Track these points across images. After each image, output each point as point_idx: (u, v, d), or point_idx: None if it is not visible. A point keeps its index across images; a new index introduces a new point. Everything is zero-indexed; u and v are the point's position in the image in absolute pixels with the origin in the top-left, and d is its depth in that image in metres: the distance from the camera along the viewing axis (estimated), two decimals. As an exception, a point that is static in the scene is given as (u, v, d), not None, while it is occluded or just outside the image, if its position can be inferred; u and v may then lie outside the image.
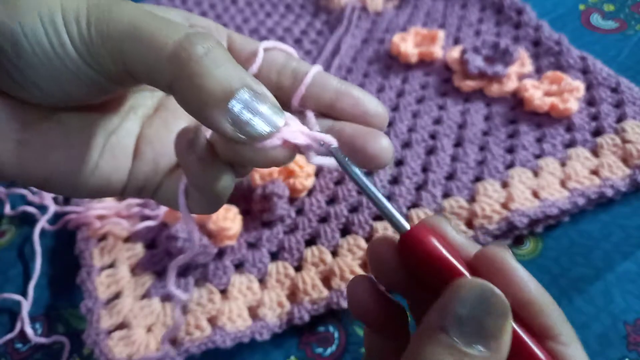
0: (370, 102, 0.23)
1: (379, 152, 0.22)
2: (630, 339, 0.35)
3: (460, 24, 0.61)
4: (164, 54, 0.17)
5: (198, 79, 0.17)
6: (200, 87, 0.17)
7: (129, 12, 0.18)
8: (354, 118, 0.23)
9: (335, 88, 0.23)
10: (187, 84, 0.17)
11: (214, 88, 0.17)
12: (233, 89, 0.17)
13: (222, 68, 0.17)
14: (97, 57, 0.18)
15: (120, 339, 0.36)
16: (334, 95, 0.23)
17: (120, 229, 0.42)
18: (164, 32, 0.17)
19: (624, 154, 0.43)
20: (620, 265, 0.38)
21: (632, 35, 0.56)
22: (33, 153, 0.20)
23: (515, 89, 0.50)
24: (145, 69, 0.18)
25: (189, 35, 0.17)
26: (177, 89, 0.18)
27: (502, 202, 0.41)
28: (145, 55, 0.17)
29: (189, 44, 0.17)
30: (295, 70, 0.23)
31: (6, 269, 0.43)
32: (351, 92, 0.23)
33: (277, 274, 0.39)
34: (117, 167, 0.22)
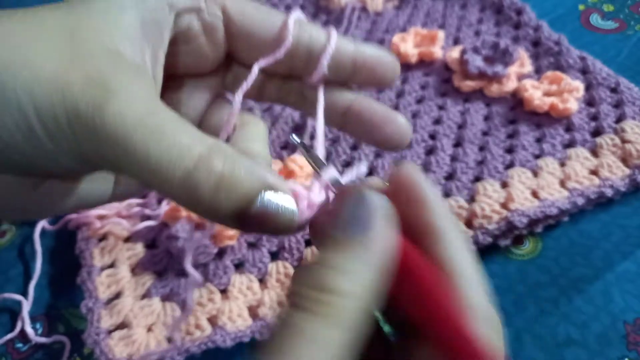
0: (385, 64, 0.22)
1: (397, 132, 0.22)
2: (630, 338, 0.35)
3: (460, 24, 0.61)
4: (170, 185, 0.16)
5: (212, 209, 0.17)
6: (214, 213, 0.17)
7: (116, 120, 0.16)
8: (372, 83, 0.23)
9: (351, 58, 0.22)
10: (199, 210, 0.17)
11: (227, 212, 0.17)
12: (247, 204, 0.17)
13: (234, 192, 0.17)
14: (86, 162, 0.17)
15: (120, 339, 0.36)
16: (352, 68, 0.22)
17: (120, 229, 0.42)
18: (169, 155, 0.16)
19: (623, 154, 0.43)
20: (619, 265, 0.38)
21: (631, 35, 0.56)
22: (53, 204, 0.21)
23: (515, 89, 0.50)
24: (145, 183, 0.17)
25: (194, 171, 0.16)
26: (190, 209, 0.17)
27: (502, 202, 0.41)
28: (146, 178, 0.16)
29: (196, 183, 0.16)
30: (310, 48, 0.22)
31: (7, 269, 0.43)
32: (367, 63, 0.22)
33: (278, 273, 0.39)
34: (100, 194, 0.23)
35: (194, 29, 0.21)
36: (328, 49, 0.21)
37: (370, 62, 0.22)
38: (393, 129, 0.22)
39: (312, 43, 0.22)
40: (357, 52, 0.22)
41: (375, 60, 0.22)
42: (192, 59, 0.22)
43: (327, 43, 0.22)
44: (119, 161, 0.16)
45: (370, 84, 0.23)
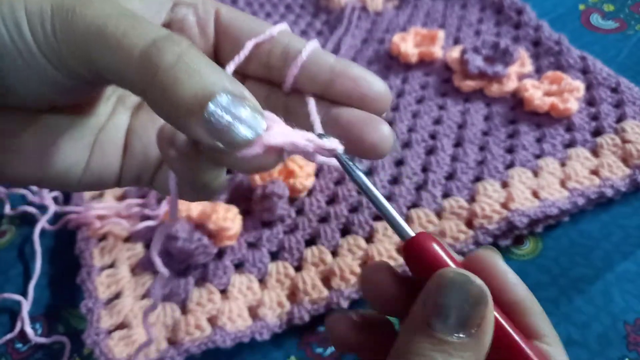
0: (371, 82, 0.21)
1: (378, 141, 0.20)
2: (630, 338, 0.35)
3: (460, 24, 0.61)
4: (131, 62, 0.16)
5: (169, 90, 0.16)
6: (172, 97, 0.16)
7: (94, 11, 0.17)
8: (352, 102, 0.21)
9: (331, 67, 0.21)
10: (158, 94, 0.16)
11: (187, 98, 0.16)
12: (208, 95, 0.16)
13: (194, 76, 0.16)
14: (65, 61, 0.17)
15: (120, 339, 0.36)
16: (330, 75, 0.21)
17: (120, 229, 0.42)
18: (130, 36, 0.16)
19: (623, 154, 0.43)
20: (620, 265, 0.38)
21: (631, 35, 0.56)
22: (22, 158, 0.20)
23: (515, 89, 0.50)
24: (114, 74, 0.17)
25: (156, 41, 0.16)
26: (150, 98, 0.17)
27: (502, 202, 0.41)
28: (113, 61, 0.16)
29: (156, 51, 0.16)
30: (286, 48, 0.21)
31: (6, 269, 0.43)
32: (349, 72, 0.21)
33: (277, 273, 0.39)
34: (108, 164, 0.22)
35: (189, 21, 0.22)
36: (304, 51, 0.21)
37: (351, 74, 0.21)
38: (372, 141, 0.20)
39: (289, 47, 0.21)
40: (337, 62, 0.21)
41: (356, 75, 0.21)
42: None
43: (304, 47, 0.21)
44: (91, 52, 0.16)
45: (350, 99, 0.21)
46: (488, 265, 0.19)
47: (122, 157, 0.23)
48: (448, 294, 0.17)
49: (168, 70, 0.16)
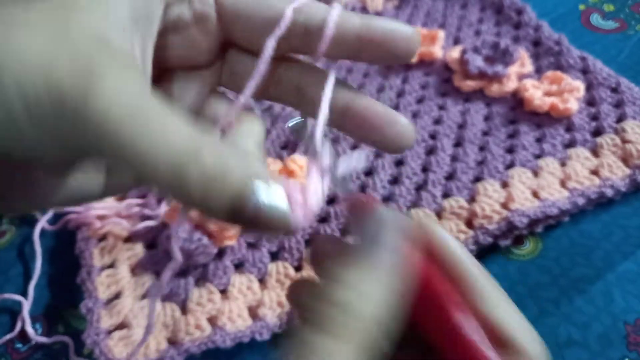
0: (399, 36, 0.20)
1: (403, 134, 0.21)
2: (631, 338, 0.35)
3: (460, 24, 0.61)
4: (160, 181, 0.15)
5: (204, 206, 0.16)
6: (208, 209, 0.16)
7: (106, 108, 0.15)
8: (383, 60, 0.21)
9: (356, 34, 0.20)
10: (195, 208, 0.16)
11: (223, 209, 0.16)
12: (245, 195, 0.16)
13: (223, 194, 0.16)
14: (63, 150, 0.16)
15: (120, 339, 0.36)
16: (357, 44, 0.20)
17: (120, 229, 0.42)
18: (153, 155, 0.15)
19: (624, 154, 0.43)
20: (620, 265, 0.38)
21: (632, 35, 0.56)
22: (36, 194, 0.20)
23: (515, 89, 0.50)
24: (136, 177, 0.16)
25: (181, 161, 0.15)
26: None
27: (502, 202, 0.41)
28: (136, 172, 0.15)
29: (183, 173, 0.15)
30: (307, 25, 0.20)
31: (6, 269, 0.43)
32: (375, 39, 0.20)
33: (277, 274, 0.39)
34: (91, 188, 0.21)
35: (185, 18, 0.20)
36: (329, 24, 0.20)
37: (380, 36, 0.20)
38: (395, 131, 0.21)
39: (310, 18, 0.20)
40: (363, 26, 0.20)
41: (385, 35, 0.20)
42: (184, 51, 0.21)
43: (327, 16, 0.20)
44: (104, 151, 0.15)
45: (381, 60, 0.21)
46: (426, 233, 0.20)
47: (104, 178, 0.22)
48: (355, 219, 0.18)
49: (198, 190, 0.15)
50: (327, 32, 0.19)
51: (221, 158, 0.16)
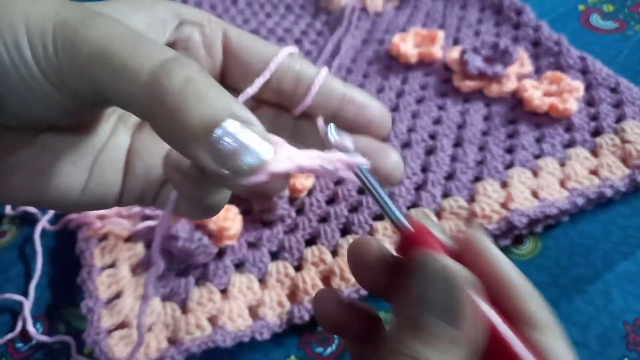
0: (374, 108, 0.22)
1: (391, 170, 0.21)
2: (630, 338, 0.35)
3: (459, 25, 0.61)
4: (137, 85, 0.16)
5: (175, 115, 0.15)
6: (178, 123, 0.15)
7: (98, 32, 0.16)
8: (357, 127, 0.22)
9: (340, 95, 0.22)
10: (164, 118, 0.16)
11: (193, 123, 0.15)
12: (216, 121, 0.16)
13: (202, 101, 0.16)
14: (67, 83, 0.17)
15: (120, 339, 0.36)
16: (339, 103, 0.22)
17: (121, 228, 0.42)
18: (137, 58, 0.16)
19: (623, 154, 0.43)
20: (619, 265, 0.38)
21: (631, 35, 0.56)
22: (19, 179, 0.20)
23: (515, 89, 0.51)
24: (118, 97, 0.16)
25: (164, 64, 0.16)
26: (155, 123, 0.16)
27: (502, 202, 0.41)
28: (118, 84, 0.16)
29: (165, 74, 0.15)
30: (299, 75, 0.22)
31: (7, 268, 0.43)
32: (355, 99, 0.22)
33: (278, 273, 0.39)
34: (107, 184, 0.22)
35: (195, 40, 0.22)
36: (317, 79, 0.22)
37: (359, 101, 0.22)
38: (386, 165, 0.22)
39: (300, 73, 0.22)
40: (346, 89, 0.22)
41: (363, 101, 0.22)
42: None
43: (316, 75, 0.22)
44: (93, 73, 0.16)
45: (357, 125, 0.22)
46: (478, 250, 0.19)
47: (122, 177, 0.22)
48: (429, 285, 0.17)
49: (176, 94, 0.15)
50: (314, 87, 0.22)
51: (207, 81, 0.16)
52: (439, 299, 0.16)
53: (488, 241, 0.19)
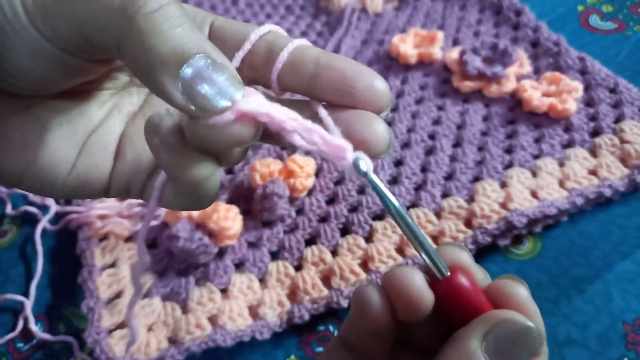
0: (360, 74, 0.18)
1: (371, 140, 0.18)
2: (629, 338, 0.35)
3: (459, 25, 0.61)
4: (112, 6, 0.15)
5: (147, 38, 0.15)
6: (149, 47, 0.15)
7: None
8: (340, 97, 0.18)
9: (314, 60, 0.19)
10: (135, 42, 0.15)
11: (165, 49, 0.15)
12: (187, 53, 0.15)
13: (176, 29, 0.15)
14: (50, 24, 0.17)
15: (121, 338, 0.36)
16: (314, 69, 0.19)
17: (121, 228, 0.42)
18: None
19: (622, 154, 0.43)
20: (619, 265, 0.38)
21: (630, 36, 0.57)
22: (6, 148, 0.19)
23: (514, 89, 0.51)
24: (95, 28, 0.16)
25: None
26: (125, 49, 0.16)
27: (501, 202, 0.41)
28: (95, 11, 0.16)
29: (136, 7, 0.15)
30: (269, 47, 0.20)
31: (7, 268, 0.43)
32: (334, 64, 0.18)
33: (278, 273, 0.39)
34: (95, 167, 0.21)
35: None
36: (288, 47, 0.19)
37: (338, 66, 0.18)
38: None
39: (272, 44, 0.20)
40: (323, 55, 0.19)
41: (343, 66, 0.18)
42: None
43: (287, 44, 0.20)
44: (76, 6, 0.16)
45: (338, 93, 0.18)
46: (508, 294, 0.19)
47: (112, 163, 0.22)
48: (518, 341, 0.17)
49: (148, 16, 0.15)
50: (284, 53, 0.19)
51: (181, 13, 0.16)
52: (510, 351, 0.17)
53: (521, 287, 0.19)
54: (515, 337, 0.17)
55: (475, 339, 0.17)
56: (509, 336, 0.17)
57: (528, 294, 0.19)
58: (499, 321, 0.18)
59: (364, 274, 0.38)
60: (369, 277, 0.38)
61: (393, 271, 0.19)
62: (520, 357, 0.17)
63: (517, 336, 0.17)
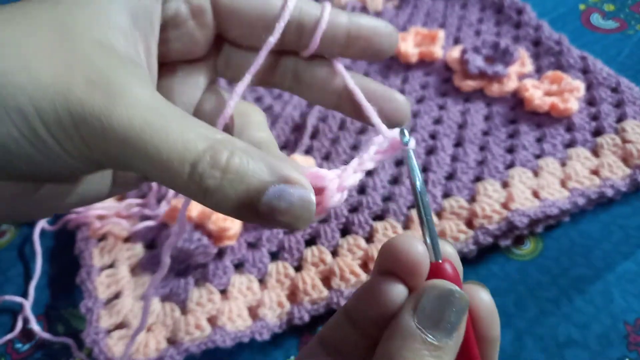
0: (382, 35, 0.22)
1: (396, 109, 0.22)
2: (631, 338, 0.34)
3: (460, 24, 0.61)
4: (179, 180, 0.16)
5: (220, 207, 0.17)
6: (224, 210, 0.17)
7: (124, 118, 0.16)
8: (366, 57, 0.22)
9: (345, 32, 0.22)
10: (211, 205, 0.17)
11: (239, 204, 0.17)
12: (259, 195, 0.17)
13: (241, 183, 0.16)
14: (93, 162, 0.17)
15: (119, 339, 0.36)
16: (345, 41, 0.22)
17: (120, 229, 0.42)
18: (173, 150, 0.16)
19: (624, 154, 0.43)
20: (620, 265, 0.38)
21: (632, 35, 0.56)
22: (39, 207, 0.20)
23: (516, 88, 0.50)
24: (153, 179, 0.17)
25: (205, 154, 0.16)
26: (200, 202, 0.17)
27: (502, 202, 0.41)
28: (155, 172, 0.16)
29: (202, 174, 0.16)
30: (300, 20, 0.21)
31: (6, 269, 0.43)
32: (362, 34, 0.22)
33: (277, 274, 0.39)
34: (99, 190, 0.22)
35: (182, 13, 0.21)
36: (321, 22, 0.21)
37: (366, 33, 0.22)
38: (392, 107, 0.23)
39: (302, 16, 0.21)
40: (352, 23, 0.22)
41: (370, 31, 0.22)
42: (182, 44, 0.22)
43: (320, 15, 0.21)
44: (128, 161, 0.16)
45: (366, 56, 0.23)
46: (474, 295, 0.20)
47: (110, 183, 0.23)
48: (444, 304, 0.18)
49: (215, 192, 0.16)
50: (320, 25, 0.21)
51: (238, 154, 0.17)
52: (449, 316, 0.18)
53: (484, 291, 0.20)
54: (440, 301, 0.18)
55: (406, 313, 0.18)
56: (434, 302, 0.18)
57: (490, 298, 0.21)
58: (423, 290, 0.19)
59: (365, 275, 0.38)
60: (369, 277, 0.38)
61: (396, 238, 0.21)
62: (450, 317, 0.18)
63: (443, 299, 0.18)
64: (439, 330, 0.18)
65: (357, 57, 0.22)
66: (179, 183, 0.16)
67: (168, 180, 0.17)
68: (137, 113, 0.16)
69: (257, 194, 0.17)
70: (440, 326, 0.18)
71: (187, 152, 0.16)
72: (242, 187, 0.17)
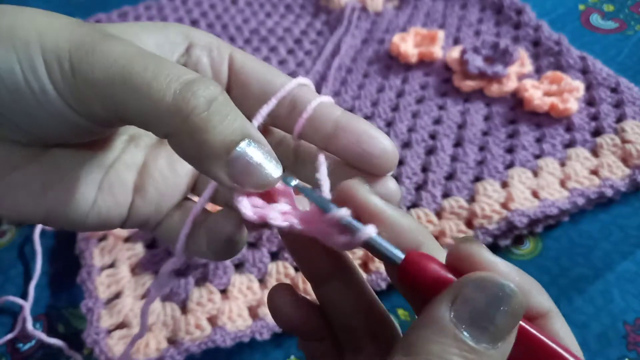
0: (375, 138, 0.20)
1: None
2: (630, 338, 0.35)
3: (460, 24, 0.61)
4: (162, 105, 0.16)
5: (199, 134, 0.16)
6: (200, 142, 0.16)
7: (116, 50, 0.17)
8: (354, 157, 0.20)
9: (334, 121, 0.20)
10: (187, 138, 0.17)
11: (215, 143, 0.17)
12: (234, 142, 0.17)
13: (224, 122, 0.17)
14: (83, 102, 0.17)
15: (120, 339, 0.36)
16: (333, 130, 0.20)
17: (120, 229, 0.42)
18: (160, 79, 0.16)
19: (623, 154, 0.43)
20: (619, 265, 0.38)
21: (631, 35, 0.56)
22: (27, 193, 0.20)
23: (515, 89, 0.50)
24: (139, 117, 0.17)
25: (188, 85, 0.16)
26: (176, 141, 0.17)
27: (502, 202, 0.41)
28: (140, 105, 0.16)
29: (190, 95, 0.16)
30: (294, 100, 0.21)
31: (7, 268, 0.43)
32: (351, 127, 0.20)
33: (277, 273, 0.39)
34: (116, 203, 0.22)
35: (203, 63, 0.22)
36: (312, 104, 0.21)
37: (355, 128, 0.20)
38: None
39: (296, 98, 0.21)
40: (343, 116, 0.21)
41: (360, 129, 0.20)
42: None
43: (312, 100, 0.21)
44: (115, 94, 0.17)
45: (353, 154, 0.20)
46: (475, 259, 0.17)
47: (132, 197, 0.22)
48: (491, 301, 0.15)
49: (200, 114, 0.16)
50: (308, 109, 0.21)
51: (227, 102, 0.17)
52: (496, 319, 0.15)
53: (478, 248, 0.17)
54: (487, 296, 0.15)
55: (442, 305, 0.16)
56: (479, 296, 0.15)
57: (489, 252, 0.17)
58: (466, 282, 0.16)
59: (365, 275, 0.38)
60: (369, 277, 0.38)
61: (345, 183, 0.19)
62: (496, 319, 0.15)
63: (489, 295, 0.15)
64: (478, 330, 0.15)
65: (342, 153, 0.21)
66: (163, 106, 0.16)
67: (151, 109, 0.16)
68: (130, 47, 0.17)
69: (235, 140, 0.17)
70: (481, 325, 0.15)
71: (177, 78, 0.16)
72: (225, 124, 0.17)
